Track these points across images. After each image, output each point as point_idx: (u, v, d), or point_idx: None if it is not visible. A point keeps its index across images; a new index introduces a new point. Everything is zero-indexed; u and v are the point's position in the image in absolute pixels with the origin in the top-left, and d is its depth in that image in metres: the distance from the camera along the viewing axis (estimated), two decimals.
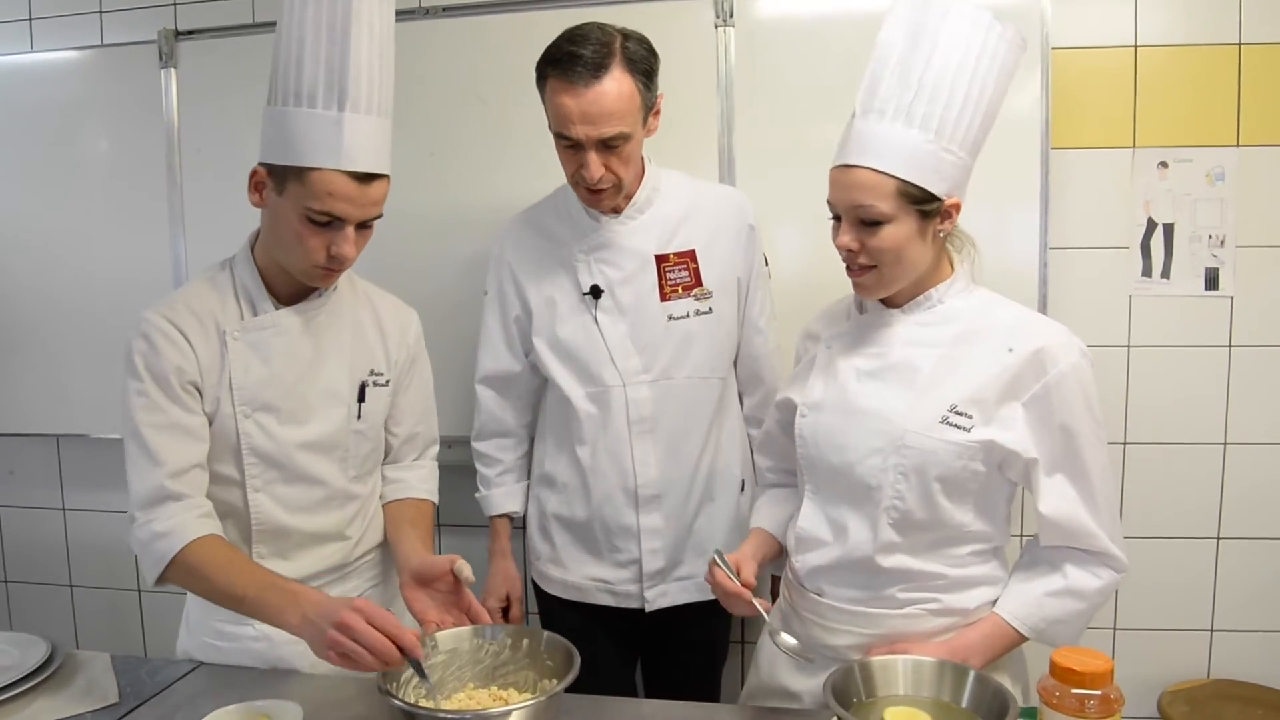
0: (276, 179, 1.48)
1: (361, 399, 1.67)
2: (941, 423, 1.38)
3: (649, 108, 1.76)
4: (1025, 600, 1.43)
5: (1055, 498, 1.39)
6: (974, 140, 1.40)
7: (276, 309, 1.60)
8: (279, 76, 1.47)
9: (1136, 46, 2.28)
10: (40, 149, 2.66)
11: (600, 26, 1.70)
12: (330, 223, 1.48)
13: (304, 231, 1.48)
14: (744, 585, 1.44)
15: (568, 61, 1.66)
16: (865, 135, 1.37)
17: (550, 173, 1.89)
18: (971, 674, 1.26)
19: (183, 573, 1.46)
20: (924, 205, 1.37)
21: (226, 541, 1.50)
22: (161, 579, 1.48)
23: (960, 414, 1.38)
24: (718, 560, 1.46)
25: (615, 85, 1.67)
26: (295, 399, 1.60)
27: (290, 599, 1.37)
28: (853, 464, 1.44)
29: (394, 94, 1.53)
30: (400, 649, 1.28)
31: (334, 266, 1.53)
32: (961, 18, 1.36)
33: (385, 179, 1.51)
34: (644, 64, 1.72)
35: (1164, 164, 2.30)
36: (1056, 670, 1.17)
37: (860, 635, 1.45)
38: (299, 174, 1.45)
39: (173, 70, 2.54)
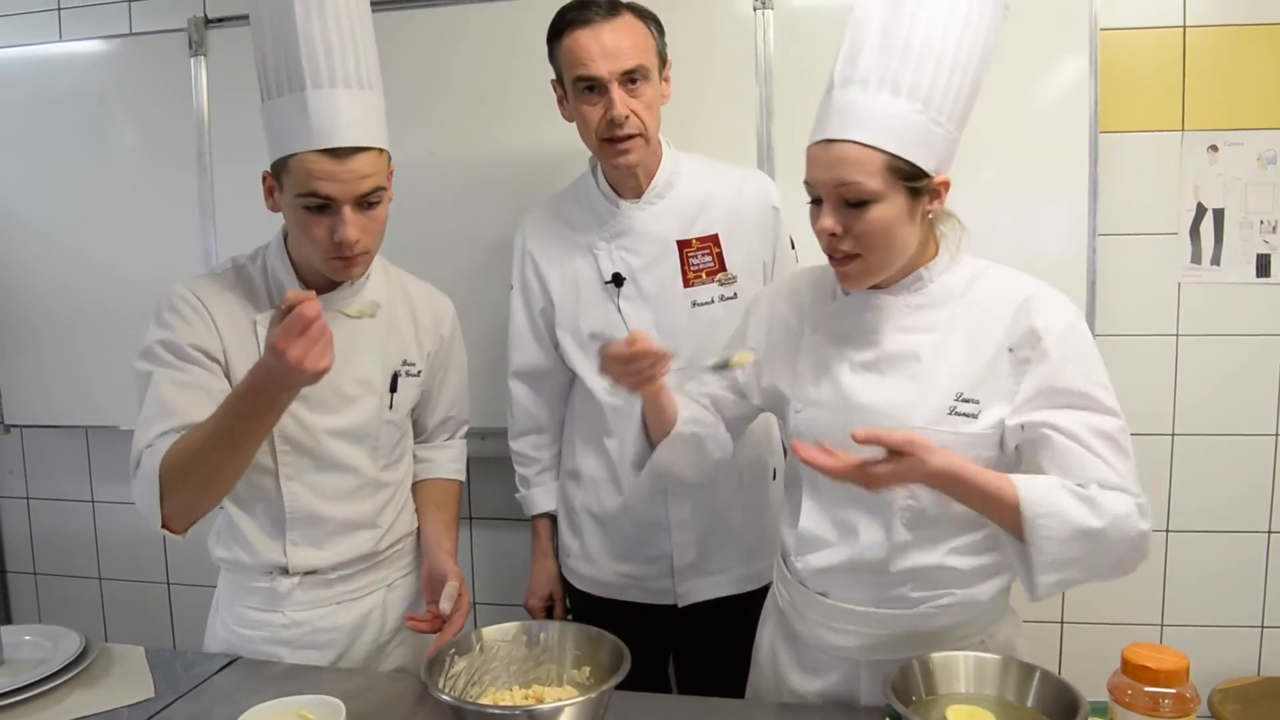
0: (277, 178, 1.49)
1: (394, 389, 1.68)
2: (950, 414, 1.31)
3: (662, 58, 1.78)
4: (1043, 483, 1.24)
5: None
6: (961, 112, 1.30)
7: None
8: (257, 76, 1.48)
9: (1185, 27, 2.22)
10: (69, 140, 2.63)
11: None
12: (325, 207, 1.45)
13: (306, 221, 1.47)
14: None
15: (581, 8, 1.72)
16: (848, 107, 1.27)
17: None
18: (1038, 672, 1.21)
19: (173, 474, 1.38)
20: (913, 182, 1.27)
21: None
22: (163, 501, 1.39)
23: (967, 401, 1.31)
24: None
25: (630, 24, 1.73)
26: (327, 388, 1.57)
27: (248, 380, 1.31)
28: None
29: (376, 64, 1.51)
30: None
31: (343, 254, 1.49)
32: None
33: (371, 152, 1.46)
34: (652, 17, 1.79)
35: (1214, 147, 2.24)
36: (1129, 668, 1.12)
37: (870, 636, 1.40)
38: (284, 165, 1.45)
39: (203, 59, 2.51)
